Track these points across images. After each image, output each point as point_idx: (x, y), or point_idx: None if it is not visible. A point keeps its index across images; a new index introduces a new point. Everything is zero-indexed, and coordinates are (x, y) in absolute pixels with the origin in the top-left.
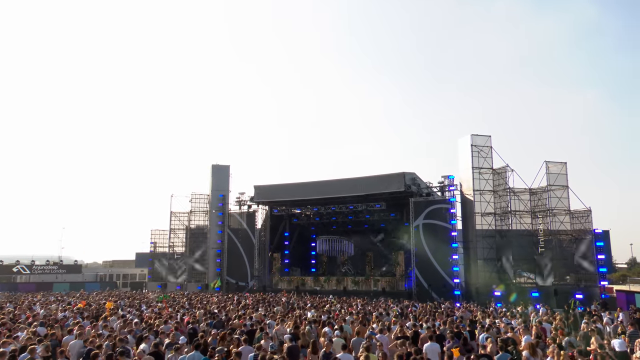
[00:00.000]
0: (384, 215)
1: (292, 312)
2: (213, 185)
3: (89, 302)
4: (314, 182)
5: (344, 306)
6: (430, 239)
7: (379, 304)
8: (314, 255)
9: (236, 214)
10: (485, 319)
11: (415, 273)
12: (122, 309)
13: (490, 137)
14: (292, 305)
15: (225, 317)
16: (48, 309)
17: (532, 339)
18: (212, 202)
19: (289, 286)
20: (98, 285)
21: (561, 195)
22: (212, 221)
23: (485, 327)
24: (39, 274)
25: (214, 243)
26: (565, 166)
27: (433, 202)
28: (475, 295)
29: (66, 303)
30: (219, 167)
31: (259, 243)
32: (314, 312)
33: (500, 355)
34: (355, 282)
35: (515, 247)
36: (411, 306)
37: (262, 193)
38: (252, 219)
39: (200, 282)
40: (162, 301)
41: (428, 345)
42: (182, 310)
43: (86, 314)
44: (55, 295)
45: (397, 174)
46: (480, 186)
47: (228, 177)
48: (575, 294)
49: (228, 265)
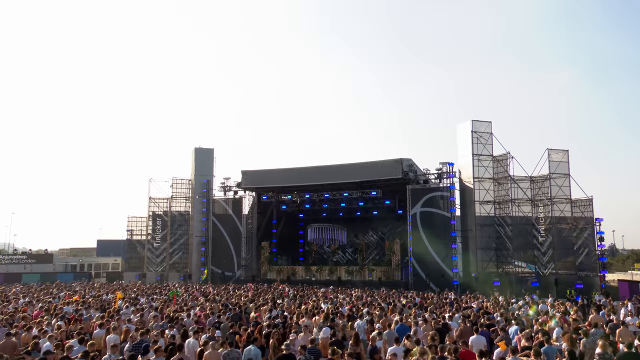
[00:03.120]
0: (378, 203)
1: (305, 304)
2: (196, 169)
3: (83, 295)
4: (307, 167)
5: (350, 297)
6: (427, 228)
7: (386, 295)
8: (302, 243)
9: (221, 200)
10: (498, 309)
11: (412, 262)
12: (132, 302)
13: (490, 123)
14: (301, 297)
15: (239, 310)
16: (48, 302)
17: (567, 330)
18: (196, 187)
19: (278, 276)
20: (71, 276)
21: (562, 184)
22: (196, 208)
23: (510, 320)
24: (6, 264)
25: (198, 231)
26: (567, 154)
27: (431, 189)
28: (474, 285)
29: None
30: (202, 151)
31: (246, 231)
32: (328, 304)
33: (547, 348)
34: (349, 271)
35: (515, 236)
36: (421, 297)
37: (251, 178)
38: (239, 206)
39: (182, 273)
40: (172, 297)
41: (474, 338)
42: (191, 303)
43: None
44: (29, 287)
45: (394, 160)
46: (479, 174)
47: (212, 161)
48: (576, 283)
49: (213, 254)
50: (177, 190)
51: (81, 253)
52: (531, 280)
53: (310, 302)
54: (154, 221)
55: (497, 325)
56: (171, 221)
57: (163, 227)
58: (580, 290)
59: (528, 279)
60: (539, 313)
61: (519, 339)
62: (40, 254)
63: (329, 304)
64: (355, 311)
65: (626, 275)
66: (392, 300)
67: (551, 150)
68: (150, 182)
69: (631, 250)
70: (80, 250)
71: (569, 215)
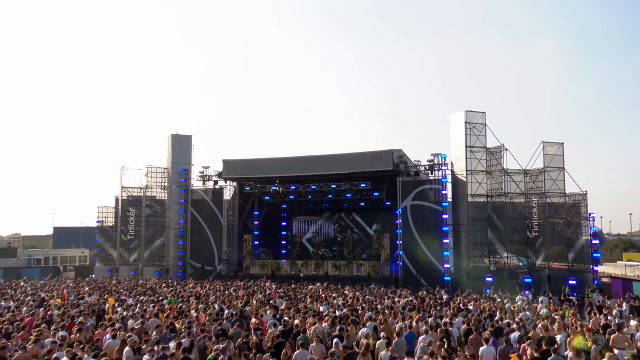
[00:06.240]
0: (367, 194)
1: (303, 305)
2: (173, 157)
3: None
4: (293, 157)
5: (345, 297)
6: (418, 222)
7: (379, 294)
8: (285, 235)
9: (200, 190)
10: (500, 312)
11: (402, 257)
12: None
13: (484, 114)
14: (296, 298)
15: (239, 315)
16: (34, 307)
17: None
18: (173, 176)
19: (262, 271)
20: (37, 271)
21: (556, 177)
22: (173, 198)
23: (511, 324)
24: None
25: (175, 223)
26: (562, 147)
27: (422, 182)
28: (466, 281)
29: (37, 297)
30: (179, 137)
31: (228, 223)
32: (326, 306)
33: (553, 358)
34: (336, 266)
35: (508, 231)
36: (415, 297)
37: (233, 168)
38: (219, 196)
39: (158, 267)
40: (170, 305)
41: (485, 349)
42: (184, 306)
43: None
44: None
45: (385, 151)
46: (472, 166)
47: (190, 149)
48: (569, 279)
49: (192, 247)
50: (152, 179)
51: (34, 241)
52: (524, 275)
53: (307, 303)
54: (127, 212)
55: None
56: (146, 212)
57: (137, 218)
58: (574, 287)
59: (520, 274)
60: (539, 316)
61: (523, 348)
62: (2, 248)
63: (328, 307)
64: (356, 315)
65: (616, 268)
66: (389, 301)
67: (546, 143)
68: (123, 169)
69: (618, 236)
70: (34, 238)
71: (562, 210)
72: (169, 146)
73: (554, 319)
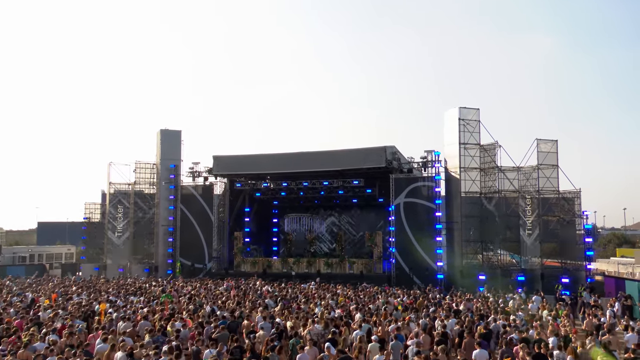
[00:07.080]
0: (359, 191)
1: (297, 307)
2: (162, 153)
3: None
4: (285, 154)
5: (337, 297)
6: (411, 219)
7: (371, 293)
8: (276, 232)
9: (190, 187)
10: (493, 313)
11: (394, 255)
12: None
13: (478, 110)
14: (285, 298)
15: (233, 318)
16: (24, 309)
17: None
18: (162, 172)
19: (253, 268)
20: (22, 269)
21: (550, 175)
22: (162, 194)
23: (506, 325)
24: None
25: (164, 219)
26: (556, 144)
27: (415, 179)
28: (459, 280)
29: (24, 298)
30: (169, 133)
31: (218, 220)
32: (321, 308)
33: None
34: (329, 264)
35: (501, 228)
36: (408, 297)
37: (223, 164)
38: (209, 193)
39: (147, 265)
40: (164, 302)
41: (478, 353)
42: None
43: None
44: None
45: (377, 147)
46: (465, 163)
47: (180, 145)
48: (562, 277)
49: (181, 244)
50: (141, 175)
51: (18, 236)
52: (517, 273)
53: (301, 304)
54: (115, 208)
55: (493, 332)
56: (134, 208)
57: (125, 215)
58: (567, 285)
59: (513, 272)
60: (534, 317)
61: (516, 350)
62: None
63: (322, 308)
64: (349, 317)
65: (609, 265)
66: (380, 300)
67: (540, 141)
68: (110, 165)
69: (612, 231)
70: (17, 233)
71: (556, 207)
72: (158, 142)
73: (548, 320)
